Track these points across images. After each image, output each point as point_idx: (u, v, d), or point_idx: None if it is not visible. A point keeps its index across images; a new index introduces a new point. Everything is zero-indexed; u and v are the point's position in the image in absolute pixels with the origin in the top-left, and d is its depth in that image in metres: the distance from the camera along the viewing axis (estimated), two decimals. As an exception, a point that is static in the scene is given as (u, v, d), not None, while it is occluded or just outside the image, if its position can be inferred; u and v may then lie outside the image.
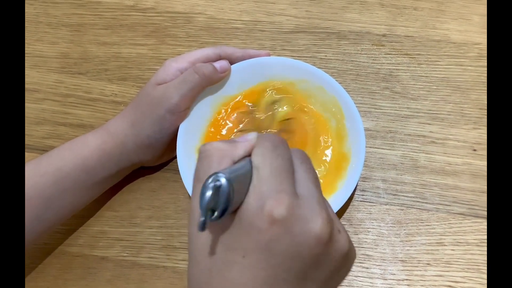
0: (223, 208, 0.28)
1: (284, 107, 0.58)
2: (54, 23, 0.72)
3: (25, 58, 0.69)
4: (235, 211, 0.30)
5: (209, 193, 0.28)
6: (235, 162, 0.32)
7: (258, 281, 0.29)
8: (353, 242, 0.54)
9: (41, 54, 0.70)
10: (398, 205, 0.57)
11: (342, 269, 0.33)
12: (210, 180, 0.28)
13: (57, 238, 0.57)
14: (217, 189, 0.28)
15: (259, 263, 0.29)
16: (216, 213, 0.28)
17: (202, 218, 0.28)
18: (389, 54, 0.67)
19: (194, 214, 0.32)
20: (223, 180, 0.28)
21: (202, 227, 0.28)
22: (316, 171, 0.55)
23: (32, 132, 0.64)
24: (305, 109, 0.58)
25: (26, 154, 0.62)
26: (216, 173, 0.29)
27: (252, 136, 0.34)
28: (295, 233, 0.29)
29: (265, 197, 0.29)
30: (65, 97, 0.66)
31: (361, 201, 0.58)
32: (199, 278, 0.31)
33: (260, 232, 0.29)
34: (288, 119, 0.58)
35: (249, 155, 0.33)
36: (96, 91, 0.66)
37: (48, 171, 0.50)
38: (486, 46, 0.67)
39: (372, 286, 0.54)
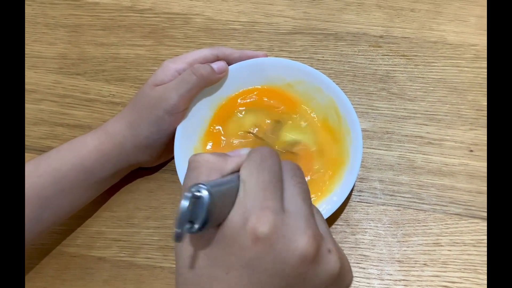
0: (203, 220, 0.27)
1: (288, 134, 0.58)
2: (52, 24, 0.73)
3: (23, 58, 0.69)
4: (220, 225, 0.29)
5: (185, 204, 0.27)
6: (224, 176, 0.31)
7: None
8: (350, 243, 0.55)
9: (39, 54, 0.70)
10: (395, 206, 0.58)
11: None
12: (190, 190, 0.27)
13: (55, 238, 0.57)
14: (197, 200, 0.27)
15: (242, 280, 0.29)
16: (196, 226, 0.27)
17: (178, 230, 0.27)
18: (386, 55, 0.67)
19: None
20: (204, 192, 0.27)
21: (177, 238, 0.27)
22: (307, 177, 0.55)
23: (30, 133, 0.64)
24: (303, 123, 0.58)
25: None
26: (197, 184, 0.28)
27: (244, 151, 0.33)
28: (279, 251, 0.28)
29: (249, 213, 0.29)
30: (63, 98, 0.66)
31: (358, 201, 0.58)
32: None
33: (242, 249, 0.28)
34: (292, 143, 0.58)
35: (239, 170, 0.32)
36: (93, 92, 0.66)
37: (46, 171, 0.50)
38: (482, 48, 0.67)
39: (369, 286, 0.54)
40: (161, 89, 0.53)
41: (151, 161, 0.57)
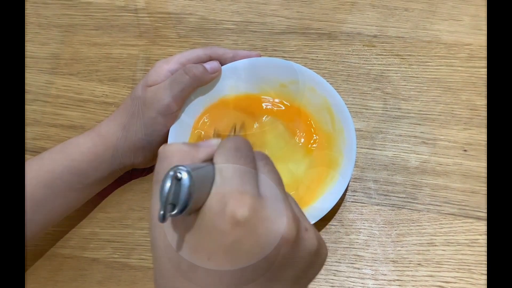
0: (184, 203, 0.28)
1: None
2: (44, 23, 0.72)
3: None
4: (198, 211, 0.30)
5: (168, 184, 0.27)
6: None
7: (224, 283, 0.29)
8: (344, 243, 0.55)
9: (32, 55, 0.69)
10: (389, 206, 0.58)
11: (313, 266, 0.33)
12: (171, 172, 0.28)
13: (48, 239, 0.57)
14: (178, 182, 0.28)
15: (224, 265, 0.29)
16: (176, 208, 0.28)
17: (161, 211, 0.27)
18: (380, 55, 0.67)
19: (154, 217, 0.31)
20: (184, 174, 0.28)
21: (162, 219, 0.27)
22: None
23: (23, 134, 0.63)
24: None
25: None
26: (177, 166, 0.28)
27: (215, 141, 0.34)
28: (260, 234, 0.29)
29: (227, 198, 0.29)
30: (56, 98, 0.66)
31: (352, 201, 0.58)
32: (165, 283, 0.31)
33: (223, 234, 0.28)
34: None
35: (211, 159, 0.32)
36: (86, 92, 0.66)
37: (39, 173, 0.50)
38: (476, 47, 0.67)
39: (363, 286, 0.54)
40: (154, 90, 0.53)
41: (145, 162, 0.57)
